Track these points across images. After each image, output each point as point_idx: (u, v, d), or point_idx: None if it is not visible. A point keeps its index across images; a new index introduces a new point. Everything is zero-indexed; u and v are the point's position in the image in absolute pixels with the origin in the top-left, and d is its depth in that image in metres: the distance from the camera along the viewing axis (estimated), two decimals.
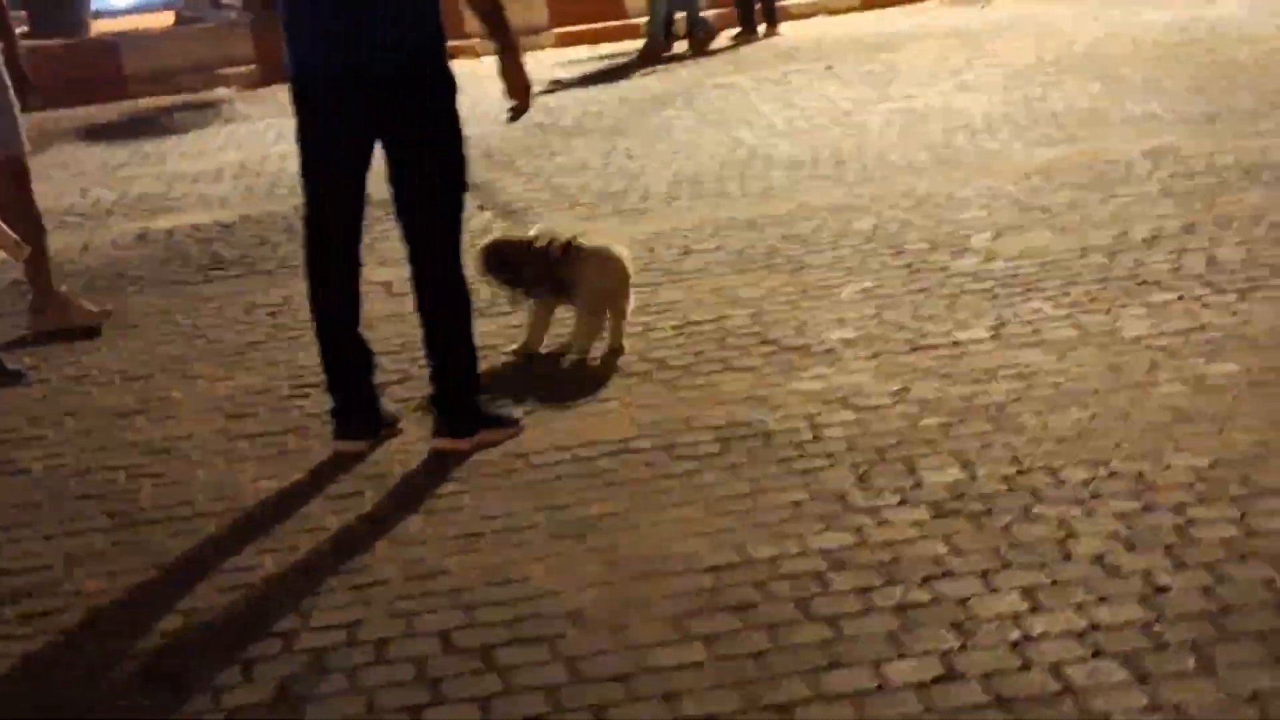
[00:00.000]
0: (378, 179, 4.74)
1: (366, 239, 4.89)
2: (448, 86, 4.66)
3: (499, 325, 5.75)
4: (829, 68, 11.41)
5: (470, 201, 4.88)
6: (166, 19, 15.70)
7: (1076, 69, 10.24)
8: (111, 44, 14.26)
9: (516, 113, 4.79)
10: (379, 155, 4.70)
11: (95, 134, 12.17)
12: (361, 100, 4.57)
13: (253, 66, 13.43)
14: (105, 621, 3.85)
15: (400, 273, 5.10)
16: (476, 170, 8.79)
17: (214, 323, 6.38)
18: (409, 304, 4.92)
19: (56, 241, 8.10)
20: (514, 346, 5.55)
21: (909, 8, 14.14)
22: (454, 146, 4.70)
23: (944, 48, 11.86)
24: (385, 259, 6.22)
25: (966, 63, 11.02)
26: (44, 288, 6.49)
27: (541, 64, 13.47)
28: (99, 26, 15.30)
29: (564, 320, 5.54)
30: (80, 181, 9.83)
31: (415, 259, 4.76)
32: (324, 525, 4.30)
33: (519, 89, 4.73)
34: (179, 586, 3.99)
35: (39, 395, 5.67)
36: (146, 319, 6.56)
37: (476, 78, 6.79)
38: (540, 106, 11.00)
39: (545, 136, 9.83)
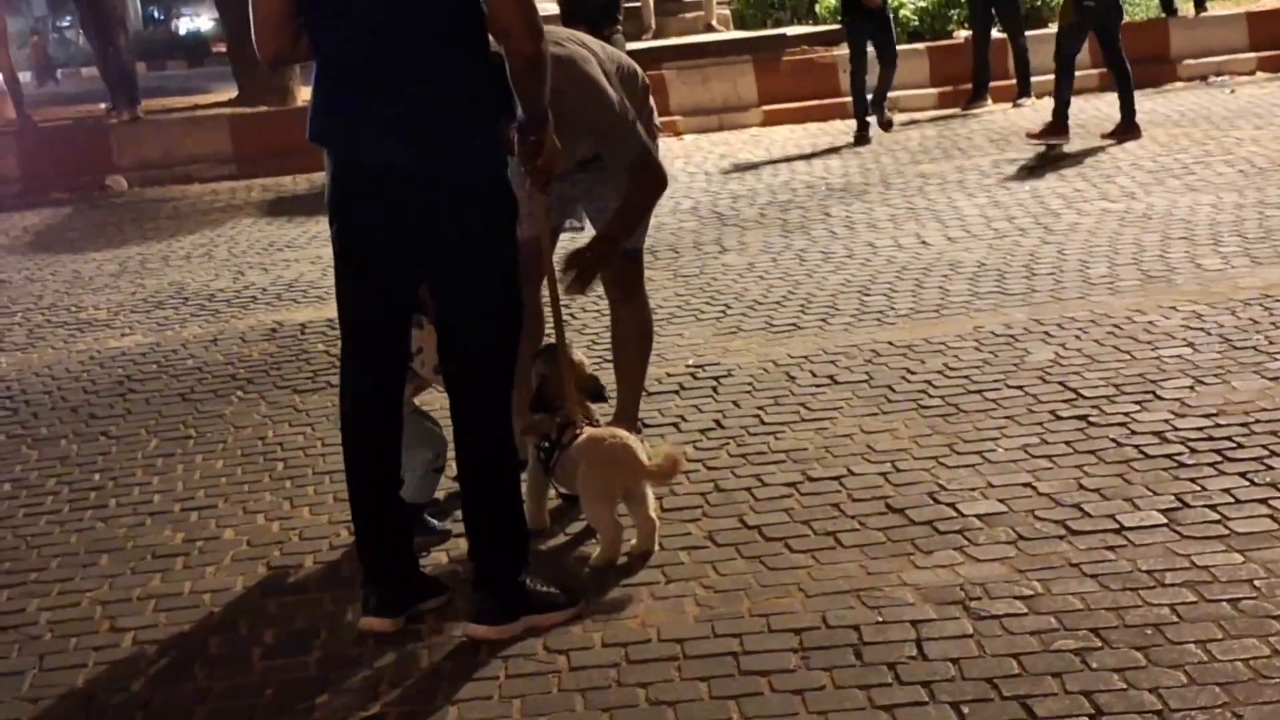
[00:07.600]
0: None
1: None
2: (501, 205, 3.96)
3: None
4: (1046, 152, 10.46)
5: None
6: None
7: None
8: None
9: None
10: None
11: None
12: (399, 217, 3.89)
13: None
14: None
15: None
16: None
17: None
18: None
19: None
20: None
21: (1149, 90, 12.98)
22: (506, 282, 4.01)
23: (1178, 136, 10.77)
24: None
25: (1201, 155, 9.91)
26: None
27: (746, 142, 12.84)
28: None
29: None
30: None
31: (457, 414, 4.06)
32: None
33: None
34: None
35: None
36: None
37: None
38: (729, 193, 10.32)
39: (722, 229, 9.09)
